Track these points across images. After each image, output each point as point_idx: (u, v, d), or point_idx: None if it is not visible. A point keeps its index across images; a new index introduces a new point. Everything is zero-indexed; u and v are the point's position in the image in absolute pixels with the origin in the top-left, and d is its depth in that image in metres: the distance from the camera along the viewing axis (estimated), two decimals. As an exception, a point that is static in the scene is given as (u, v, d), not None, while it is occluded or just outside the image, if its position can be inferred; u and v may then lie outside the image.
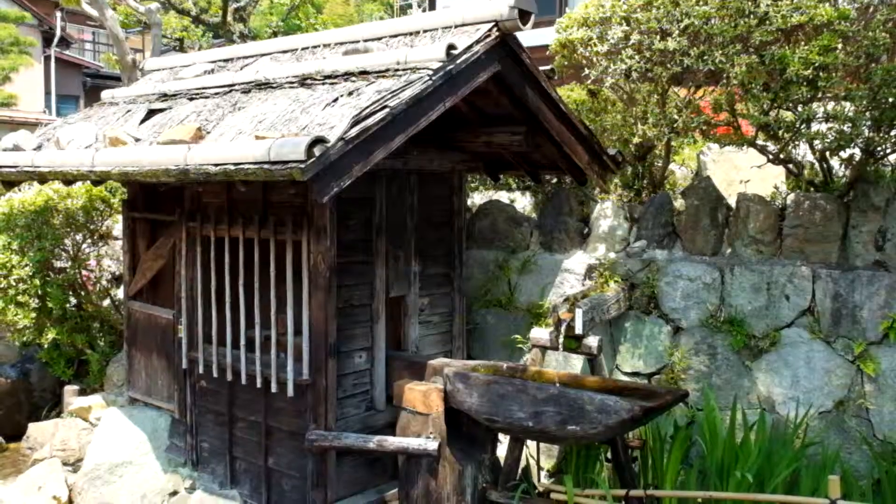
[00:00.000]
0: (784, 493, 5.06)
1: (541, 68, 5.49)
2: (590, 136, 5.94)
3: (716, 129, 5.90)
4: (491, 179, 7.13)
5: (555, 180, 7.04)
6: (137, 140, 5.69)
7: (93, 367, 7.89)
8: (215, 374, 5.84)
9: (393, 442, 5.15)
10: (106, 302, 8.33)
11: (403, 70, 4.90)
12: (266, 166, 4.28)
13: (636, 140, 6.34)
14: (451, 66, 4.79)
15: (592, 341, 5.40)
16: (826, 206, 5.40)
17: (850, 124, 5.05)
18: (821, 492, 4.87)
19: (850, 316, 5.27)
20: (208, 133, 5.26)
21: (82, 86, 25.31)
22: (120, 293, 8.13)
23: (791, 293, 5.46)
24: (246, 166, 4.37)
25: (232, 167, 4.45)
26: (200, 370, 5.95)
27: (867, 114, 5.07)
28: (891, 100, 4.96)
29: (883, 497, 4.91)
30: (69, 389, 7.61)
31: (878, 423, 5.19)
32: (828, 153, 5.56)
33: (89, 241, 8.18)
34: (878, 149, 5.32)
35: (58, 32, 23.48)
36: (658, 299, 5.93)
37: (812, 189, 5.70)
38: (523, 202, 7.44)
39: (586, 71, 6.19)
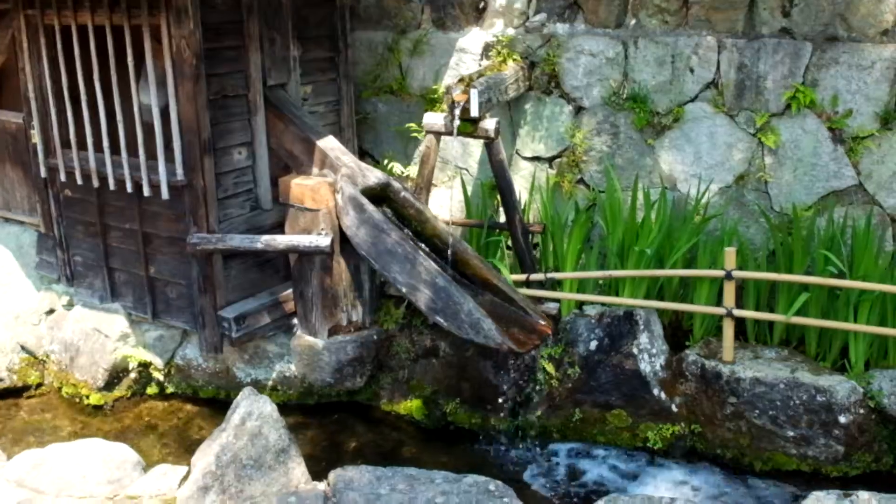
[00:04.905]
0: (683, 268, 5.38)
1: None
2: None
3: None
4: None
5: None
6: None
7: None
8: (80, 182, 5.61)
9: (282, 240, 5.12)
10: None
11: None
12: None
13: None
14: None
15: (489, 124, 5.35)
16: (734, -33, 5.33)
17: None
18: (718, 264, 5.20)
19: (754, 87, 5.38)
20: None
21: None
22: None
23: (696, 66, 5.50)
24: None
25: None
26: (63, 178, 5.70)
27: None
28: None
29: (777, 266, 5.27)
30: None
31: (776, 196, 5.46)
32: None
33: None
34: None
35: None
36: (559, 77, 5.89)
37: (721, -51, 5.58)
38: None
39: None
